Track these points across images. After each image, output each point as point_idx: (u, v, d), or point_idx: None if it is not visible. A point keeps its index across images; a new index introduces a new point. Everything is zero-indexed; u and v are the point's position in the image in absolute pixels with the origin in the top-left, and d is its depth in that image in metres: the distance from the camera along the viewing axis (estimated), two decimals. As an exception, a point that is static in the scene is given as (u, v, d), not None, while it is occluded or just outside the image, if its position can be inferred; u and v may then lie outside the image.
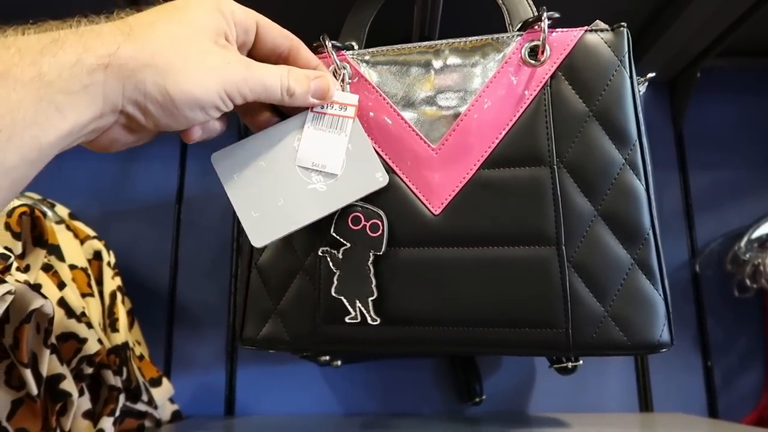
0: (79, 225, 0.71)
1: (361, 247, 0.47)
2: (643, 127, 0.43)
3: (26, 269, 0.57)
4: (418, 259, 0.45)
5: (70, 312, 0.59)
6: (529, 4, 0.52)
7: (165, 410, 0.77)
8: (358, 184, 0.47)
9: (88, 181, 0.93)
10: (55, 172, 0.93)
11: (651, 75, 0.48)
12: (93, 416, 0.58)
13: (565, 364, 0.63)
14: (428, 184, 0.46)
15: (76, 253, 0.67)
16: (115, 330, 0.66)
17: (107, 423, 0.58)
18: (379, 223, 0.46)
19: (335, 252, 0.47)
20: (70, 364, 0.57)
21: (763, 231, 0.80)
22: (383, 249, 0.46)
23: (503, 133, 0.45)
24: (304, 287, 0.49)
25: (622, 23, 0.45)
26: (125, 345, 0.66)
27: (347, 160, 0.47)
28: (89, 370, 0.59)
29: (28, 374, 0.50)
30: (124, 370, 0.64)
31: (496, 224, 0.44)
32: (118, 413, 0.60)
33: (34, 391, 0.51)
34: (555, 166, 0.43)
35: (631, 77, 0.44)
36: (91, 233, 0.71)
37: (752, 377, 0.85)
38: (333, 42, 0.50)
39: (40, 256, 0.58)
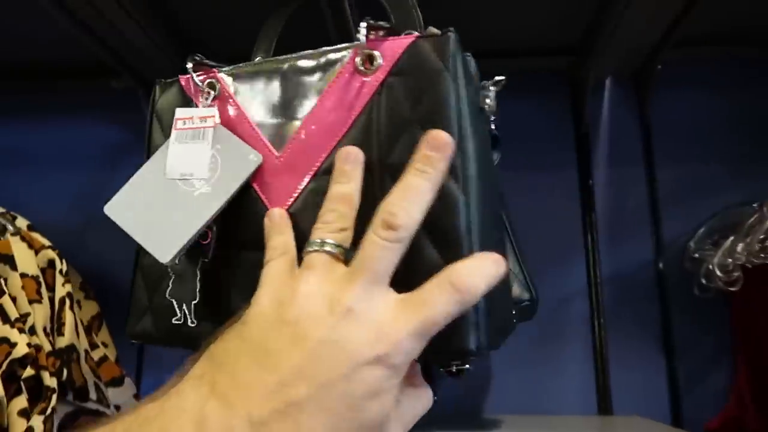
0: (36, 236, 0.76)
1: (193, 254, 0.49)
2: (467, 132, 0.43)
3: (-39, 279, 0.62)
4: (254, 262, 0.45)
5: (5, 318, 0.64)
6: (417, 15, 0.52)
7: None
8: (238, 171, 0.49)
9: (60, 188, 0.99)
10: (28, 180, 1.00)
11: (500, 78, 0.47)
12: (28, 415, 0.63)
13: (450, 368, 0.63)
14: (272, 191, 0.48)
15: (28, 262, 0.72)
16: (60, 334, 0.71)
17: (38, 421, 0.63)
18: (208, 232, 0.49)
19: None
20: (1, 366, 0.62)
21: (710, 228, 0.76)
22: (210, 255, 0.49)
23: (337, 141, 0.45)
24: (167, 287, 0.52)
25: (450, 28, 0.44)
26: (69, 348, 0.71)
27: (221, 157, 0.50)
28: (30, 372, 0.64)
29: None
30: (65, 371, 0.68)
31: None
32: (49, 411, 0.64)
33: (-36, 392, 0.57)
34: (379, 173, 0.44)
35: (456, 82, 0.43)
36: (47, 243, 0.76)
37: (719, 379, 0.81)
38: (207, 62, 0.53)
39: (-21, 267, 0.64)
